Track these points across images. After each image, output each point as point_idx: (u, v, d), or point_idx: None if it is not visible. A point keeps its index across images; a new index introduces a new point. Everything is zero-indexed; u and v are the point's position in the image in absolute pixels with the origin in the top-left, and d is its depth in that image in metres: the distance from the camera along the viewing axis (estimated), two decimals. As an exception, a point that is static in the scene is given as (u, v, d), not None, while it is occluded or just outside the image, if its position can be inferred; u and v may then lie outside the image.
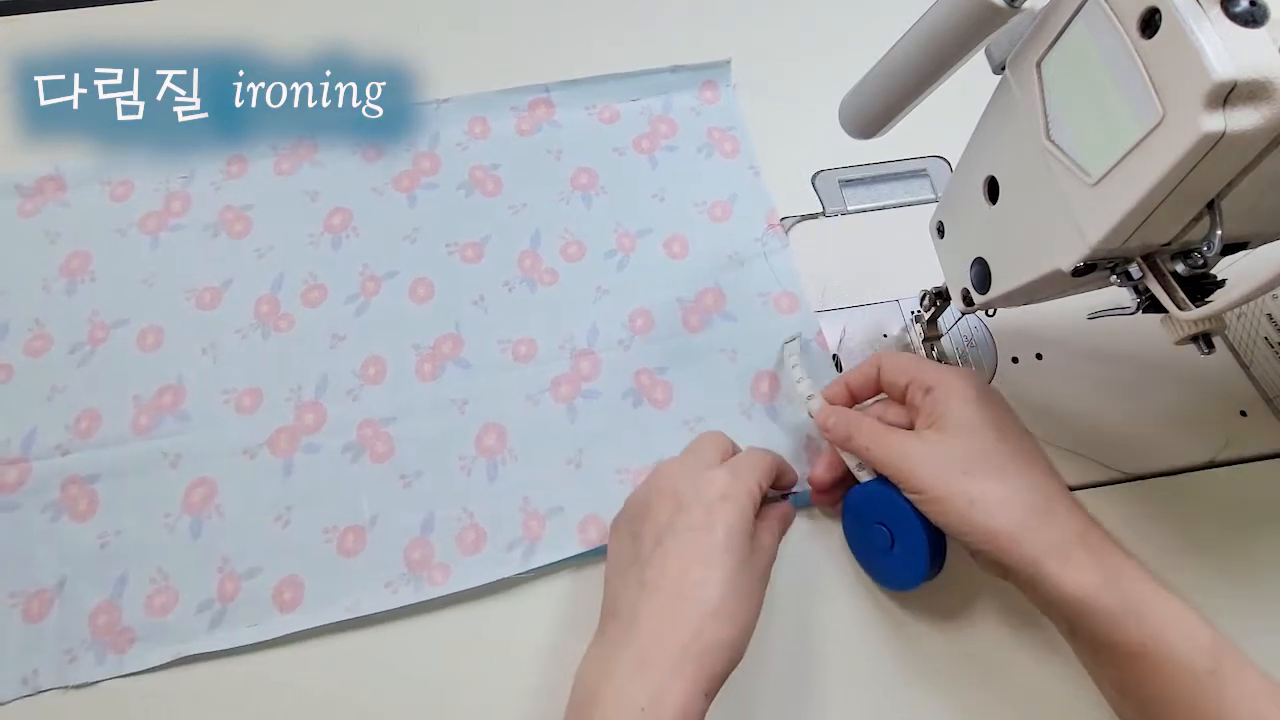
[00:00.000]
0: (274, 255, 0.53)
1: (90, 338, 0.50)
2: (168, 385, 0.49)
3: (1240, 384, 0.49)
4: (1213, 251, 0.29)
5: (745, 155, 0.58)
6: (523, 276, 0.53)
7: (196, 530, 0.45)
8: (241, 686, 0.42)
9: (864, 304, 0.52)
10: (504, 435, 0.48)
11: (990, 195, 0.37)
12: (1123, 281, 0.33)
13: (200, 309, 0.52)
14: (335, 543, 0.45)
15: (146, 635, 0.43)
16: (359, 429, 0.48)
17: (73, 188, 0.55)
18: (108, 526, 0.45)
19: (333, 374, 0.50)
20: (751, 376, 0.50)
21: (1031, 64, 0.32)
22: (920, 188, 0.57)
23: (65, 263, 0.53)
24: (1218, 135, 0.25)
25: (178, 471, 0.47)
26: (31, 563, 0.44)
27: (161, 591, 0.44)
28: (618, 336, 0.51)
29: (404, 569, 0.44)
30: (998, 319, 0.51)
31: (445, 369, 0.50)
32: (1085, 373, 0.49)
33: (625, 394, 0.49)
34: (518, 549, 0.45)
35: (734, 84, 0.60)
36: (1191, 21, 0.25)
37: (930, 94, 0.35)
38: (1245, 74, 0.25)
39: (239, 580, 0.44)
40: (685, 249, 0.54)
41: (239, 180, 0.56)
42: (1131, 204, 0.28)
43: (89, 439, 0.47)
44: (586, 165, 0.57)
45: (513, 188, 0.56)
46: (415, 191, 0.56)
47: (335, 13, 0.63)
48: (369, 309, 0.52)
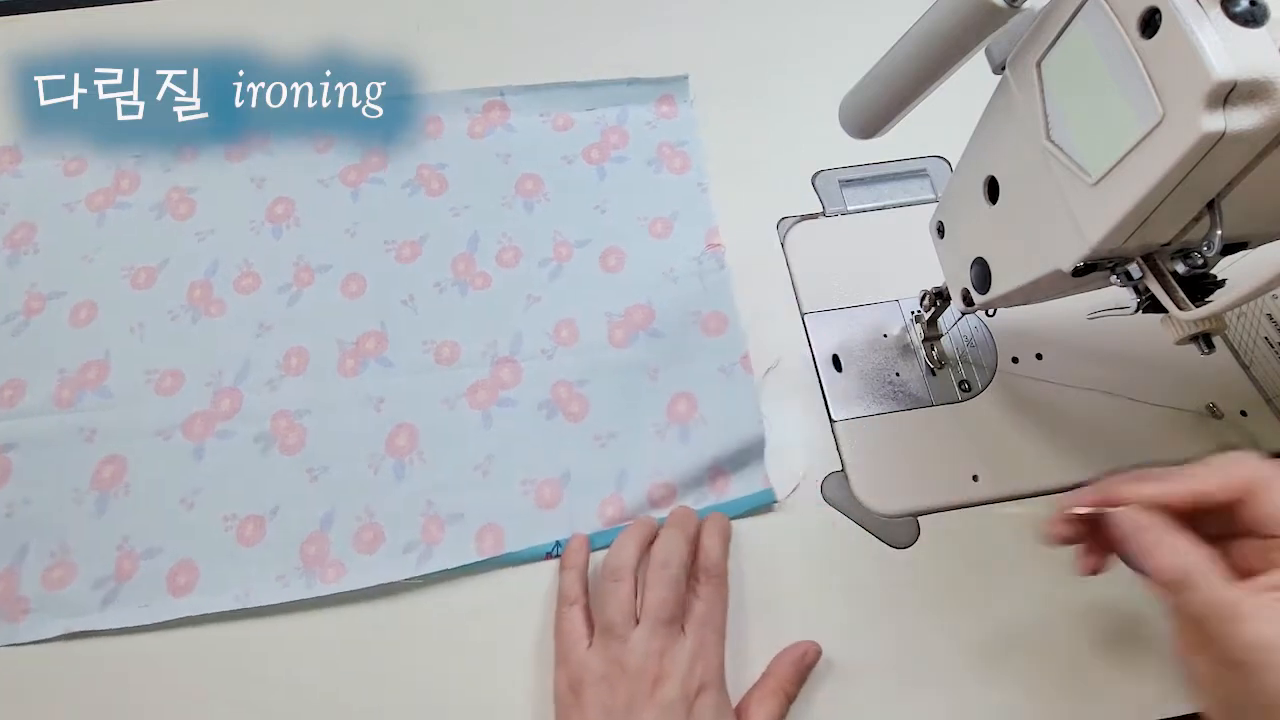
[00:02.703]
0: (213, 239, 0.54)
1: (26, 308, 0.51)
2: (93, 360, 0.49)
3: (1240, 384, 0.49)
4: (1213, 251, 0.29)
5: (694, 172, 0.57)
6: (455, 279, 0.53)
7: (102, 507, 0.45)
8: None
9: (864, 304, 0.52)
10: (415, 436, 0.48)
11: (990, 195, 0.37)
12: (1123, 281, 0.33)
13: (135, 288, 0.52)
14: (235, 530, 0.45)
15: (40, 606, 0.43)
16: (273, 419, 0.48)
17: (28, 159, 0.56)
18: (16, 496, 0.46)
19: (255, 362, 0.50)
20: (670, 396, 0.49)
21: (1031, 64, 0.32)
22: (920, 188, 0.57)
23: (10, 233, 0.53)
24: (1218, 135, 0.25)
25: (92, 446, 0.47)
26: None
27: (60, 565, 0.44)
28: (541, 346, 0.51)
29: (299, 563, 0.44)
30: (998, 319, 0.51)
31: (367, 366, 0.50)
32: (1085, 373, 0.49)
33: (541, 405, 0.49)
34: (414, 552, 0.45)
35: (692, 99, 0.60)
36: (1191, 21, 0.25)
37: (930, 94, 0.35)
38: (1245, 74, 0.25)
39: (137, 560, 0.44)
40: (621, 263, 0.53)
41: (189, 163, 0.56)
42: (1131, 204, 0.28)
43: (11, 408, 0.48)
44: (533, 172, 0.57)
45: (457, 189, 0.56)
46: (360, 185, 0.56)
47: (335, 13, 0.63)
48: (299, 300, 0.52)
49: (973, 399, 0.49)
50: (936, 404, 0.49)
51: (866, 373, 0.50)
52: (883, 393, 0.50)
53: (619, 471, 0.47)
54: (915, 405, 0.49)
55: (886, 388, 0.50)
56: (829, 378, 0.50)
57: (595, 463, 0.47)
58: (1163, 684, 0.42)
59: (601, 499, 0.46)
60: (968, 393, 0.49)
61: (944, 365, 0.50)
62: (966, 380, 0.50)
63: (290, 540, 0.45)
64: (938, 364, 0.50)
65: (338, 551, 0.45)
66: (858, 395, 0.49)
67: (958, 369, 0.50)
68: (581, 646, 0.39)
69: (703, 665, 0.38)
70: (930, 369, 0.50)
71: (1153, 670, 0.42)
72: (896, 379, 0.50)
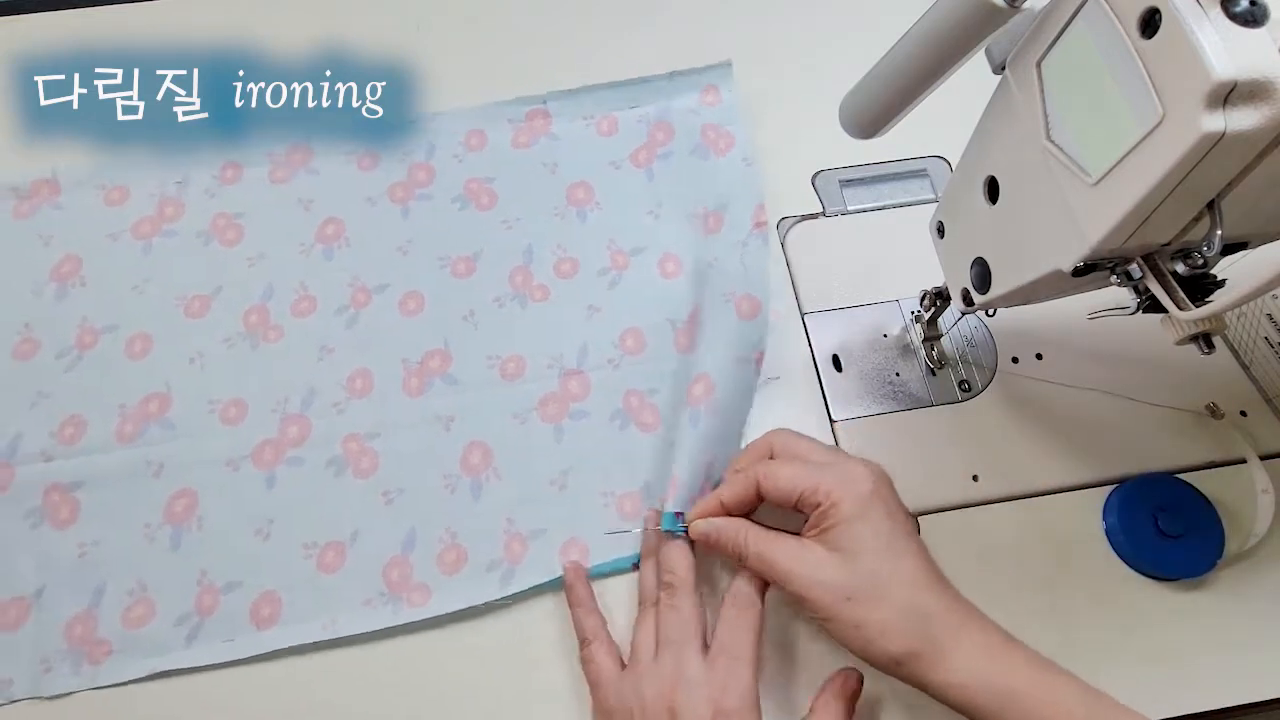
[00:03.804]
0: (265, 264, 0.53)
1: (78, 343, 0.50)
2: (154, 393, 0.49)
3: (1240, 384, 0.49)
4: (1213, 251, 0.29)
5: (739, 148, 0.56)
6: (514, 292, 0.52)
7: (176, 541, 0.45)
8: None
9: (864, 304, 0.52)
10: (489, 454, 0.47)
11: (990, 195, 0.37)
12: (1123, 281, 0.33)
13: (189, 317, 0.51)
14: (315, 559, 0.44)
15: (122, 647, 0.42)
16: (343, 443, 0.47)
17: (67, 191, 0.55)
18: (88, 536, 0.45)
19: (319, 386, 0.49)
20: (692, 377, 0.47)
21: (1031, 64, 0.32)
22: (920, 188, 0.57)
23: (57, 267, 0.53)
24: (1218, 135, 0.25)
25: (160, 481, 0.46)
26: (10, 570, 0.44)
27: (139, 603, 0.43)
28: (607, 356, 0.50)
29: (383, 587, 0.44)
30: (998, 319, 0.51)
31: (432, 384, 0.49)
32: (1085, 373, 0.49)
33: (613, 415, 0.48)
34: (498, 570, 0.44)
35: (736, 84, 0.59)
36: (1191, 21, 0.25)
37: (930, 94, 0.35)
38: (1245, 74, 0.25)
39: (217, 594, 0.43)
40: (679, 268, 0.53)
41: (233, 186, 0.56)
42: (1131, 204, 0.28)
43: (73, 445, 0.47)
44: (582, 179, 0.56)
45: (507, 201, 0.56)
46: (409, 203, 0.55)
47: (335, 13, 0.63)
48: (358, 321, 0.51)
49: (973, 399, 0.49)
50: (936, 404, 0.49)
51: (866, 373, 0.50)
52: (883, 393, 0.50)
53: (699, 477, 0.45)
54: (915, 405, 0.49)
55: (886, 388, 0.50)
56: (829, 378, 0.50)
57: (671, 472, 0.45)
58: (1164, 684, 0.42)
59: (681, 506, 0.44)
60: (968, 393, 0.49)
61: (944, 365, 0.50)
62: (966, 380, 0.50)
63: (372, 565, 0.44)
64: (938, 364, 0.50)
65: (421, 574, 0.44)
66: (858, 395, 0.49)
67: (958, 369, 0.50)
68: (609, 677, 0.39)
69: (724, 693, 0.36)
70: (930, 369, 0.50)
71: (1153, 671, 0.42)
72: (896, 379, 0.50)
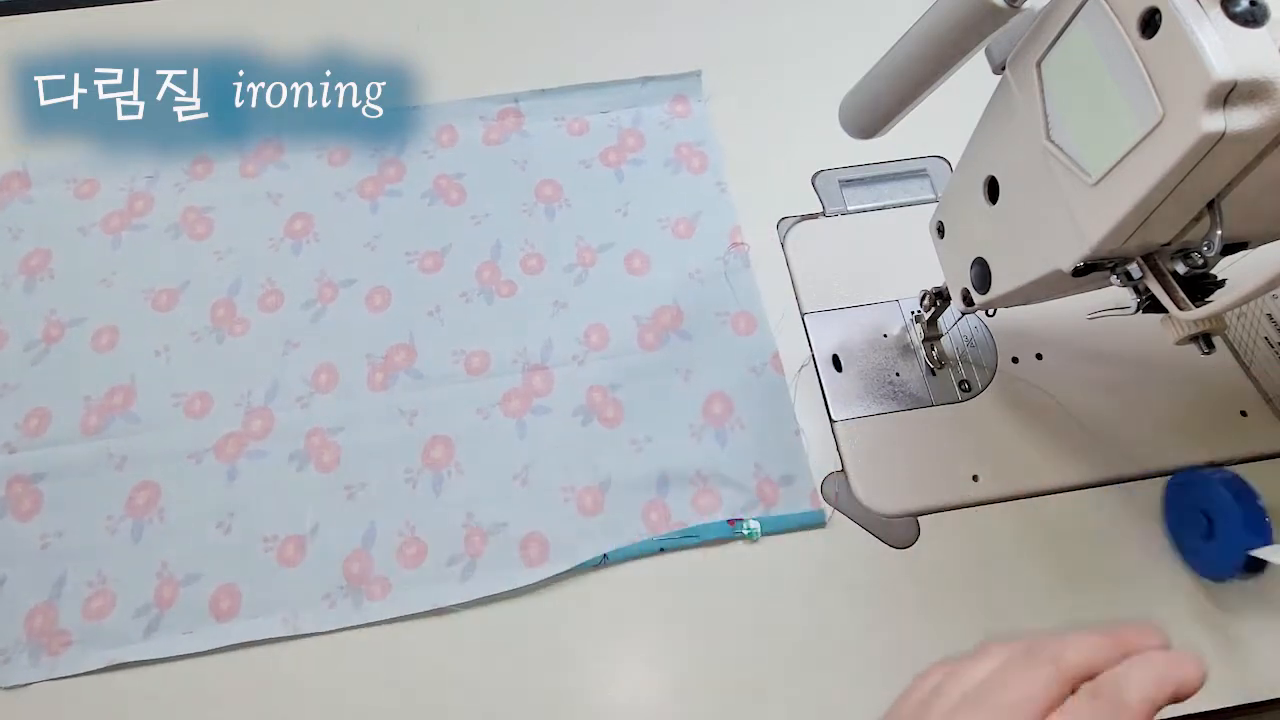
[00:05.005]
0: (233, 258, 0.53)
1: (45, 335, 0.50)
2: (119, 385, 0.49)
3: (1240, 384, 0.49)
4: (1213, 251, 0.29)
5: (712, 171, 0.57)
6: (480, 288, 0.53)
7: (138, 534, 0.45)
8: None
9: (864, 304, 0.52)
10: (451, 448, 0.47)
11: (990, 195, 0.37)
12: (1123, 281, 0.33)
13: (156, 310, 0.51)
14: (275, 552, 0.45)
15: (82, 638, 0.42)
16: (307, 437, 0.48)
17: (37, 184, 0.55)
18: (50, 527, 0.45)
19: (284, 381, 0.49)
20: (704, 397, 0.49)
21: (1031, 64, 0.32)
22: (920, 188, 0.57)
23: (25, 260, 0.53)
24: (1218, 135, 0.25)
25: (123, 474, 0.46)
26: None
27: (99, 595, 0.43)
28: (572, 352, 0.50)
29: (342, 581, 0.44)
30: (998, 319, 0.51)
31: (397, 379, 0.49)
32: (1085, 373, 0.49)
33: (576, 411, 0.49)
34: (458, 564, 0.44)
35: (706, 97, 0.60)
36: (1191, 21, 0.25)
37: (930, 94, 0.35)
38: (1245, 74, 0.25)
39: (177, 586, 0.44)
40: (646, 265, 0.53)
41: (203, 181, 0.56)
42: (1131, 204, 0.28)
43: (37, 438, 0.47)
44: (551, 177, 0.57)
45: (476, 197, 0.56)
46: (379, 198, 0.56)
47: (335, 13, 0.63)
48: (324, 316, 0.52)
49: (973, 399, 0.49)
50: (936, 404, 0.49)
51: (866, 373, 0.50)
52: (883, 393, 0.50)
53: (659, 475, 0.46)
54: (915, 405, 0.49)
55: (886, 388, 0.50)
56: (829, 378, 0.50)
57: (634, 467, 0.47)
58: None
59: (644, 504, 0.46)
60: (968, 393, 0.49)
61: (944, 365, 0.50)
62: (966, 380, 0.50)
63: (332, 559, 0.44)
64: (938, 364, 0.50)
65: (381, 568, 0.44)
66: (858, 395, 0.49)
67: (958, 369, 0.50)
68: None
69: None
70: (930, 369, 0.50)
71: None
72: (896, 379, 0.50)
